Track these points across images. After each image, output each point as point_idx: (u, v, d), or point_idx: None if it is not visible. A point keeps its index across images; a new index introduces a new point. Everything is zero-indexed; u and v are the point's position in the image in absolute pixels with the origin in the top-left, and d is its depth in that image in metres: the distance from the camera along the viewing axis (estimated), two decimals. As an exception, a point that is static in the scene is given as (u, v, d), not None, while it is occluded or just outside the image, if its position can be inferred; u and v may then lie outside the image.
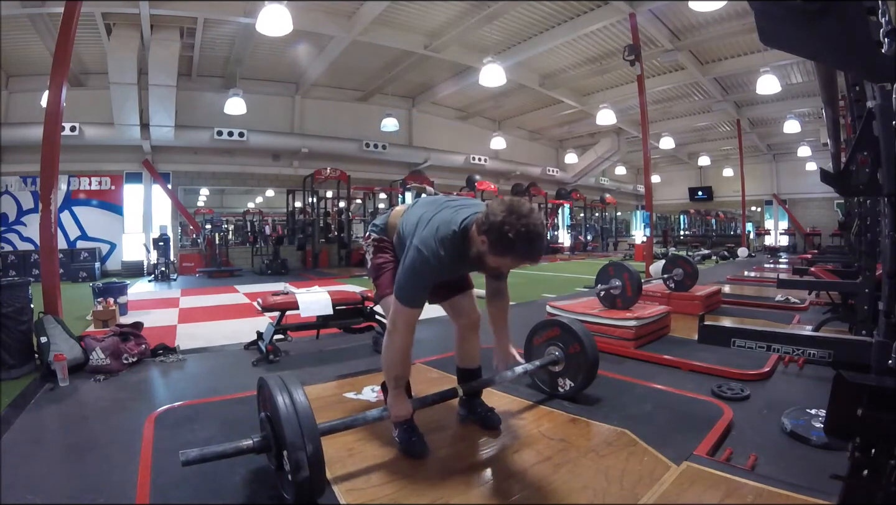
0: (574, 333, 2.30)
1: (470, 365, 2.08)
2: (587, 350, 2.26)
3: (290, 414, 1.38)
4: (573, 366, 2.30)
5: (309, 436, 1.36)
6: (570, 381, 2.32)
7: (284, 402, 1.41)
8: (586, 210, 19.39)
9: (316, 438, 1.38)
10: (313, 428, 1.39)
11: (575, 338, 2.29)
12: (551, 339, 2.38)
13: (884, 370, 1.43)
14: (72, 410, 2.36)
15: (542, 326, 2.47)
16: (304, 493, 1.38)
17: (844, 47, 1.18)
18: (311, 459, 1.34)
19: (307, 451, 1.34)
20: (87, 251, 9.46)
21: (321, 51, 9.52)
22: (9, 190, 9.51)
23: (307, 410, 1.40)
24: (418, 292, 1.62)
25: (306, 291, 3.50)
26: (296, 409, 1.39)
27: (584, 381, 2.29)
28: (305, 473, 1.34)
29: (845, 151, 3.19)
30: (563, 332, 2.35)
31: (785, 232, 18.62)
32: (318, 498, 1.44)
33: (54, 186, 3.42)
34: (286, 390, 1.44)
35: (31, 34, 7.94)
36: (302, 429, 1.36)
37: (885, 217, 1.53)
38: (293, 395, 1.43)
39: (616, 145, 16.43)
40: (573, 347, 2.30)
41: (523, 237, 1.41)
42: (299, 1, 7.04)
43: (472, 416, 2.08)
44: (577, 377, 2.30)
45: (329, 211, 12.46)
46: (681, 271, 4.74)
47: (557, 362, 2.32)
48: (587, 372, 2.27)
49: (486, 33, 8.80)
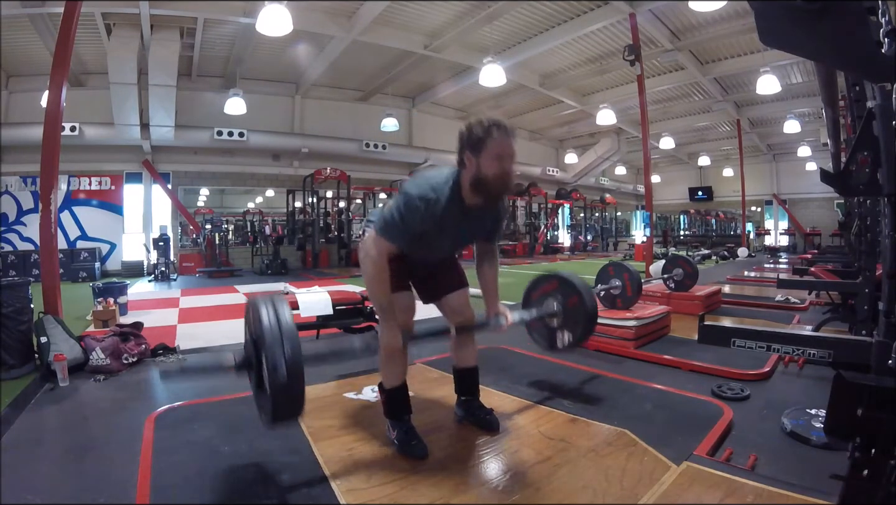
0: (572, 285, 2.22)
1: (467, 364, 2.06)
2: (586, 302, 2.18)
3: (272, 321, 1.40)
4: (572, 319, 2.21)
5: (288, 336, 1.37)
6: (568, 333, 2.23)
7: (267, 311, 1.42)
8: (586, 210, 19.39)
9: (295, 340, 1.38)
10: (293, 331, 1.40)
11: (573, 290, 2.21)
12: (549, 292, 2.30)
13: (884, 370, 1.43)
14: (72, 410, 2.36)
15: (540, 280, 2.38)
16: (281, 404, 1.37)
17: (844, 47, 1.18)
18: (288, 362, 1.34)
19: (286, 352, 1.35)
20: (87, 251, 9.46)
21: (321, 51, 9.52)
22: (9, 190, 9.51)
23: (288, 319, 1.42)
24: (398, 233, 1.62)
25: (306, 291, 3.50)
26: (277, 317, 1.41)
27: (582, 333, 2.22)
28: (283, 375, 1.33)
29: (845, 151, 3.19)
30: (561, 284, 2.27)
31: (785, 232, 18.62)
32: (297, 416, 1.45)
33: (54, 186, 3.42)
34: (270, 303, 1.46)
35: (31, 34, 7.93)
36: (282, 331, 1.37)
37: (885, 217, 1.53)
38: (276, 305, 1.45)
39: (616, 145, 16.43)
40: (572, 299, 2.21)
41: (492, 124, 1.60)
42: (299, 1, 7.04)
43: (469, 417, 2.05)
44: (576, 330, 2.21)
45: (329, 211, 12.46)
46: (681, 271, 4.74)
47: (556, 315, 2.23)
48: (586, 324, 2.20)
49: (486, 33, 8.80)
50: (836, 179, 1.63)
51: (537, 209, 17.29)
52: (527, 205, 16.99)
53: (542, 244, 16.81)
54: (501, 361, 3.00)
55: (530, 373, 2.80)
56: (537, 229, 17.18)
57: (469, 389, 2.08)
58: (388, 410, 1.87)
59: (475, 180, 1.61)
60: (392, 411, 1.86)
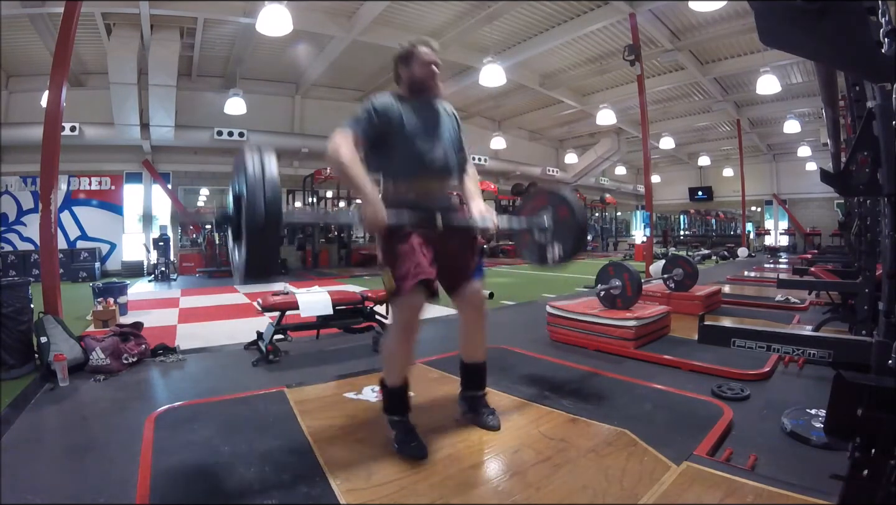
0: (562, 199, 2.23)
1: (475, 359, 2.04)
2: (576, 214, 2.18)
3: (256, 166, 1.39)
4: (562, 231, 2.21)
5: (270, 182, 1.37)
6: (559, 246, 2.21)
7: (253, 158, 1.41)
8: (586, 210, 19.38)
9: (276, 188, 1.37)
10: (275, 179, 1.39)
11: (563, 202, 2.22)
12: (540, 208, 2.29)
13: (884, 370, 1.43)
14: (72, 410, 2.36)
15: (531, 196, 2.40)
16: (256, 251, 1.37)
17: (844, 47, 1.18)
18: (267, 201, 1.34)
19: (265, 194, 1.34)
20: (87, 251, 9.47)
21: (321, 51, 9.53)
22: (9, 190, 9.52)
23: (272, 168, 1.41)
24: (364, 123, 1.79)
25: (306, 291, 3.50)
26: (262, 162, 1.40)
27: (573, 246, 2.19)
28: (261, 213, 1.33)
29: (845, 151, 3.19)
30: (551, 198, 2.28)
31: (785, 232, 18.63)
32: (271, 267, 1.43)
33: (54, 186, 3.42)
34: (257, 151, 1.44)
35: (31, 34, 7.93)
36: (265, 176, 1.37)
37: (885, 217, 1.53)
38: (263, 154, 1.43)
39: (616, 145, 16.44)
40: (562, 211, 2.22)
41: (416, 41, 1.94)
42: (299, 1, 7.04)
43: (472, 415, 2.06)
44: (566, 242, 2.20)
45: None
46: (681, 271, 4.74)
47: (545, 229, 2.23)
48: (577, 236, 2.19)
49: (486, 33, 8.80)
50: (836, 179, 1.63)
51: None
52: (527, 205, 16.96)
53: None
54: (501, 361, 3.00)
55: (530, 373, 2.80)
56: (537, 229, 17.15)
57: (477, 384, 2.08)
58: (389, 406, 1.87)
59: (410, 83, 1.93)
60: (392, 407, 1.86)
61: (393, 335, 1.80)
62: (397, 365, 1.81)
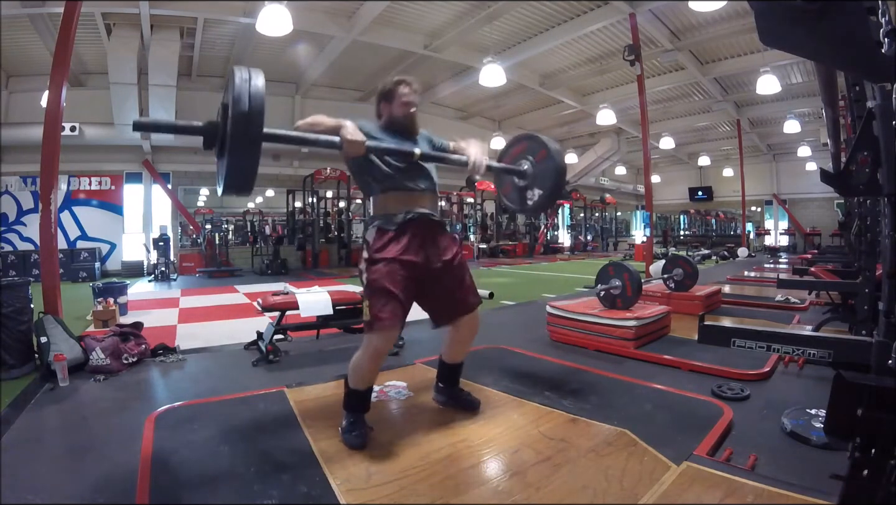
0: (540, 141, 2.30)
1: (457, 361, 2.19)
2: (553, 155, 2.24)
3: (244, 78, 1.44)
4: (540, 173, 2.27)
5: (254, 95, 1.42)
6: (538, 190, 2.29)
7: (241, 74, 1.46)
8: (586, 210, 19.38)
9: (260, 99, 1.42)
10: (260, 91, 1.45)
11: (541, 145, 2.28)
12: (520, 154, 2.37)
13: (884, 370, 1.43)
14: (72, 410, 2.36)
15: (511, 143, 2.46)
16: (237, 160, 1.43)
17: (844, 47, 1.18)
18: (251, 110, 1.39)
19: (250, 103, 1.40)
20: (87, 251, 9.46)
21: (321, 51, 9.52)
22: (9, 190, 9.51)
23: (259, 84, 1.46)
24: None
25: (306, 291, 3.49)
26: (250, 77, 1.45)
27: (551, 189, 2.24)
28: (243, 121, 1.39)
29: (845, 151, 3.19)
30: (530, 143, 2.35)
31: (785, 232, 18.62)
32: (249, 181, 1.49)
33: (54, 186, 3.42)
34: (246, 70, 1.48)
35: (31, 34, 7.93)
36: (250, 89, 1.42)
37: (885, 217, 1.53)
38: (252, 72, 1.48)
39: (616, 145, 16.43)
40: (540, 153, 2.28)
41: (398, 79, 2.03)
42: (299, 1, 7.04)
43: (452, 401, 2.20)
44: (545, 185, 2.26)
45: (329, 211, 12.47)
46: (681, 271, 4.74)
47: (525, 175, 2.30)
48: (554, 178, 2.23)
49: (486, 33, 8.80)
50: (836, 179, 1.63)
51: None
52: (527, 205, 16.96)
53: (542, 244, 16.82)
54: (501, 361, 3.00)
55: (530, 373, 2.80)
56: (537, 229, 17.19)
57: (455, 380, 2.24)
58: (347, 403, 1.93)
59: (389, 121, 2.02)
60: (350, 406, 1.92)
61: (363, 355, 1.87)
62: (363, 377, 1.89)
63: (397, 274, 1.85)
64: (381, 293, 1.84)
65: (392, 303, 1.82)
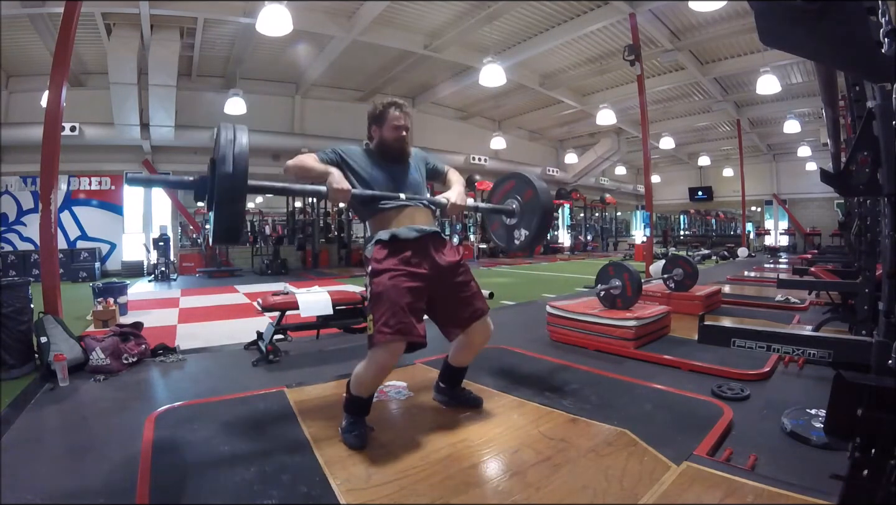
0: (527, 180, 2.33)
1: (463, 364, 2.18)
2: (539, 194, 2.27)
3: (229, 139, 1.54)
4: (527, 213, 2.31)
5: (238, 152, 1.52)
6: (524, 230, 2.33)
7: (226, 132, 1.56)
8: (586, 210, 19.38)
9: (244, 157, 1.53)
10: (245, 150, 1.55)
11: (528, 185, 2.32)
12: (508, 192, 2.40)
13: (884, 370, 1.43)
14: (72, 410, 2.36)
15: (500, 181, 2.51)
16: (223, 217, 1.54)
17: (844, 47, 1.18)
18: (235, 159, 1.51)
19: (234, 161, 1.50)
20: (87, 251, 9.46)
21: (321, 51, 9.52)
22: (9, 190, 9.51)
23: (244, 142, 1.56)
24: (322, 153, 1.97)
25: (306, 291, 3.50)
26: (235, 136, 1.55)
27: (538, 228, 2.27)
28: (228, 179, 1.50)
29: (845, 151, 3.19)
30: (518, 182, 2.39)
31: (785, 232, 18.62)
32: (236, 233, 1.60)
33: (54, 186, 3.42)
34: (231, 128, 1.58)
35: (31, 34, 7.93)
36: (235, 149, 1.53)
37: (885, 217, 1.53)
38: (236, 130, 1.57)
39: (616, 145, 16.43)
40: (527, 193, 2.31)
41: (389, 102, 2.01)
42: (299, 1, 7.04)
43: (455, 400, 2.20)
44: (531, 224, 2.29)
45: (329, 211, 12.47)
46: (681, 271, 4.74)
47: (513, 214, 2.34)
48: (541, 218, 2.26)
49: (486, 33, 8.80)
50: (836, 179, 1.63)
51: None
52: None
53: (542, 244, 16.82)
54: (501, 361, 3.00)
55: (530, 373, 2.80)
56: (537, 229, 17.15)
57: (458, 382, 2.24)
58: (348, 406, 1.91)
59: (379, 144, 2.01)
60: (350, 408, 1.90)
61: (366, 368, 1.81)
62: (366, 388, 1.87)
63: (402, 285, 1.80)
64: (384, 305, 1.78)
65: (397, 315, 1.75)
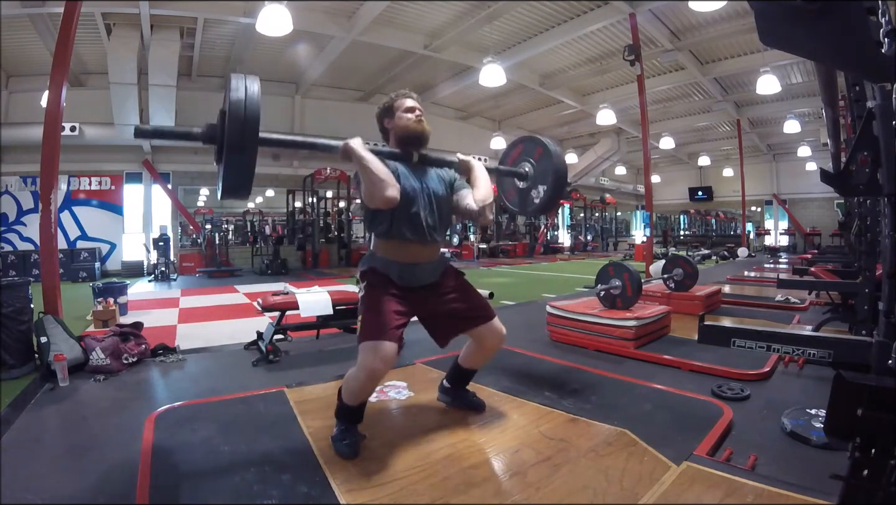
0: (537, 140, 2.28)
1: (474, 367, 2.14)
2: (551, 151, 2.20)
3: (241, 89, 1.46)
4: (541, 171, 2.24)
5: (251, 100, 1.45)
6: (541, 187, 2.23)
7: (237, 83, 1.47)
8: (586, 210, 19.39)
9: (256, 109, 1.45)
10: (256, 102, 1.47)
11: (538, 143, 2.26)
12: (519, 157, 2.34)
13: (884, 370, 1.43)
14: (72, 410, 2.36)
15: (509, 148, 2.44)
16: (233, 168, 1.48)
17: (844, 47, 1.18)
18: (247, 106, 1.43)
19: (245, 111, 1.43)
20: (87, 251, 9.46)
21: (321, 51, 9.52)
22: (9, 190, 9.52)
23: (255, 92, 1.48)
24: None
25: (306, 291, 3.50)
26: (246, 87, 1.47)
27: (554, 185, 2.19)
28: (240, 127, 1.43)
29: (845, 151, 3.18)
30: (526, 145, 2.33)
31: (785, 232, 18.62)
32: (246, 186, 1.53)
33: (54, 186, 3.42)
34: (243, 78, 1.49)
35: (31, 34, 7.93)
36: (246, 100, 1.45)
37: (885, 217, 1.53)
38: (248, 80, 1.49)
39: (616, 145, 16.43)
40: (537, 152, 2.25)
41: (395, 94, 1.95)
42: (299, 1, 7.04)
43: (459, 402, 2.18)
44: (546, 182, 2.21)
45: (329, 211, 12.47)
46: (681, 271, 4.74)
47: (526, 177, 2.27)
48: (555, 173, 2.18)
49: (486, 33, 8.80)
50: (836, 179, 1.63)
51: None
52: (527, 205, 16.96)
53: (542, 244, 16.82)
54: (501, 361, 3.00)
55: (530, 373, 2.80)
56: (537, 229, 17.20)
57: (464, 384, 2.21)
58: (343, 416, 1.84)
59: (400, 135, 1.90)
60: (343, 417, 1.84)
61: (357, 374, 1.73)
62: (356, 395, 1.78)
63: (394, 295, 1.80)
64: (370, 306, 1.78)
65: (381, 313, 1.74)
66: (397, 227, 1.81)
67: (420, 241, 1.84)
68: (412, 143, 1.88)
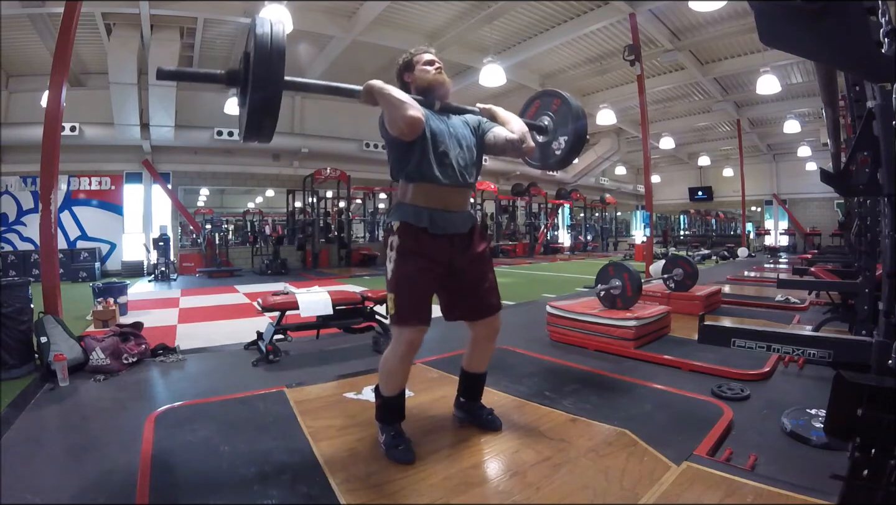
0: (553, 93, 2.29)
1: (478, 370, 2.05)
2: (569, 101, 2.21)
3: (266, 32, 1.45)
4: (561, 122, 2.24)
5: (276, 38, 1.44)
6: (562, 137, 2.23)
7: (263, 25, 1.46)
8: (586, 210, 19.40)
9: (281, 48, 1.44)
10: (281, 40, 1.46)
11: (555, 95, 2.28)
12: (536, 113, 2.36)
13: (884, 370, 1.43)
14: (72, 410, 2.36)
15: (527, 104, 2.45)
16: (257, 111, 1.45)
17: (844, 47, 1.18)
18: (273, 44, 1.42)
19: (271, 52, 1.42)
20: (87, 251, 9.46)
21: (321, 50, 9.52)
22: (9, 190, 9.51)
23: (280, 34, 1.48)
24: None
25: (306, 291, 3.50)
26: (272, 30, 1.46)
27: (574, 136, 2.18)
28: (266, 48, 1.41)
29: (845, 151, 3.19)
30: (543, 100, 2.35)
31: (785, 232, 18.62)
32: (269, 131, 1.52)
33: (54, 186, 3.42)
34: (268, 22, 1.49)
35: (31, 34, 7.93)
36: (272, 43, 1.44)
37: (885, 217, 1.53)
38: (273, 23, 1.48)
39: (616, 145, 16.44)
40: (554, 102, 2.26)
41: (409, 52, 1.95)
42: (299, 1, 7.04)
43: (471, 418, 2.05)
44: (566, 130, 2.20)
45: (329, 211, 12.47)
46: (681, 271, 4.74)
47: (546, 130, 2.27)
48: (575, 123, 2.18)
49: (486, 33, 8.80)
50: (836, 179, 1.63)
51: (537, 209, 17.31)
52: (527, 205, 17.00)
53: (542, 244, 16.82)
54: (501, 361, 3.00)
55: (531, 373, 2.80)
56: (537, 229, 17.19)
57: (475, 394, 2.08)
58: (382, 416, 1.83)
59: (421, 86, 1.88)
60: (384, 417, 1.83)
61: (392, 354, 1.75)
62: (394, 380, 1.78)
63: (425, 268, 1.75)
64: (407, 284, 1.72)
65: (419, 293, 1.73)
66: (427, 166, 1.74)
67: (451, 184, 1.77)
68: (434, 94, 1.87)
